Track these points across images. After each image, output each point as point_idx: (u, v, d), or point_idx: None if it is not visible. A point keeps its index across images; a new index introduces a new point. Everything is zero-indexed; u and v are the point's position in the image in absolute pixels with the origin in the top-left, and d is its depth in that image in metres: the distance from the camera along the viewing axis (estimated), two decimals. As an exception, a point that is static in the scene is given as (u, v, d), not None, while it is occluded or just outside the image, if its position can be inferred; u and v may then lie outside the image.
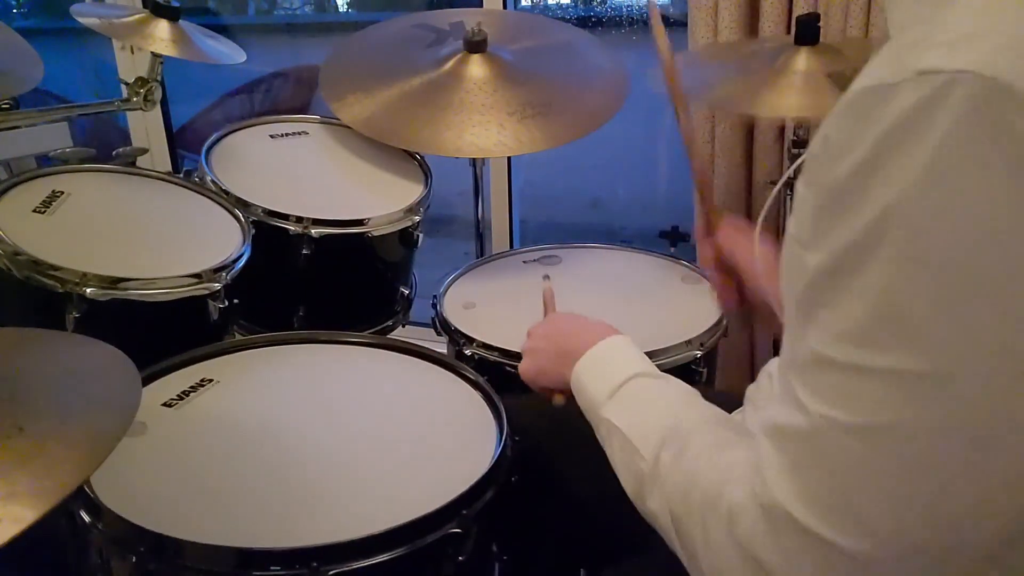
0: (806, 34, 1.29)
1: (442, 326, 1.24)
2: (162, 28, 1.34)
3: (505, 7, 1.94)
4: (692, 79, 1.43)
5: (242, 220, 1.25)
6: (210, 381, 1.00)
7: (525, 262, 1.44)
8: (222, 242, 1.20)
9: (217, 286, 1.11)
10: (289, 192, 1.36)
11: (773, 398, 0.58)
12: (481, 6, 1.95)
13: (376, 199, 1.39)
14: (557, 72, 1.50)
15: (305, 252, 1.28)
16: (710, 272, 1.06)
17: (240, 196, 1.28)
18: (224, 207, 1.28)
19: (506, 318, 1.23)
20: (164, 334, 1.12)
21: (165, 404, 0.95)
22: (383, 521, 0.74)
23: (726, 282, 1.05)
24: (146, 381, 0.98)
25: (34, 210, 1.13)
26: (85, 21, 1.31)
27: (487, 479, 0.83)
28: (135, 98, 1.40)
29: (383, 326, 1.45)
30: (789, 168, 1.44)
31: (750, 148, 1.67)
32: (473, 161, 1.55)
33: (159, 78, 1.40)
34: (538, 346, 0.89)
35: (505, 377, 1.09)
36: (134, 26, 1.34)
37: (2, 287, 1.05)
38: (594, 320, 0.85)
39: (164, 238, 1.20)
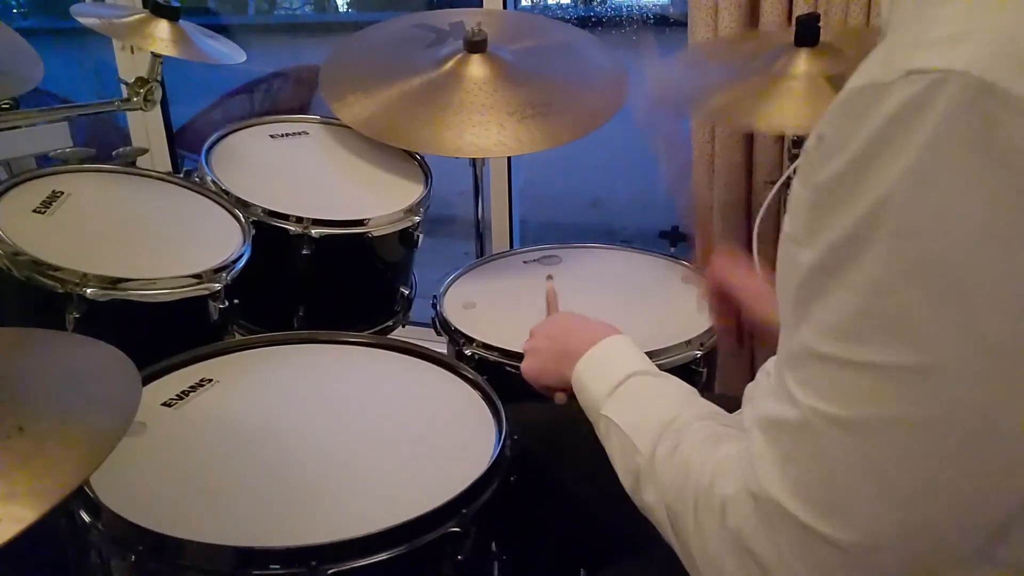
0: (806, 35, 1.29)
1: (442, 326, 1.24)
2: (162, 28, 1.34)
3: (505, 7, 1.94)
4: (691, 81, 1.43)
5: (242, 220, 1.25)
6: (210, 381, 1.00)
7: (525, 262, 1.44)
8: (222, 242, 1.20)
9: (217, 286, 1.11)
10: (289, 192, 1.36)
11: (767, 392, 0.58)
12: (481, 6, 1.95)
13: (376, 199, 1.40)
14: (557, 72, 1.51)
15: (305, 252, 1.28)
16: (708, 304, 1.04)
17: (240, 196, 1.28)
18: (224, 207, 1.28)
19: (506, 318, 1.23)
20: (164, 334, 1.12)
21: (165, 404, 0.95)
22: (383, 521, 0.75)
23: (723, 315, 1.02)
24: (146, 381, 0.98)
25: (34, 210, 1.13)
26: (85, 21, 1.31)
27: (486, 478, 0.83)
28: (135, 98, 1.40)
29: (383, 326, 1.45)
30: (789, 168, 1.44)
31: (750, 148, 1.67)
32: (473, 161, 1.55)
33: (159, 78, 1.40)
34: (540, 345, 0.89)
35: (505, 377, 1.09)
36: (134, 26, 1.34)
37: (2, 287, 1.05)
38: (596, 320, 0.85)
39: (164, 238, 1.20)
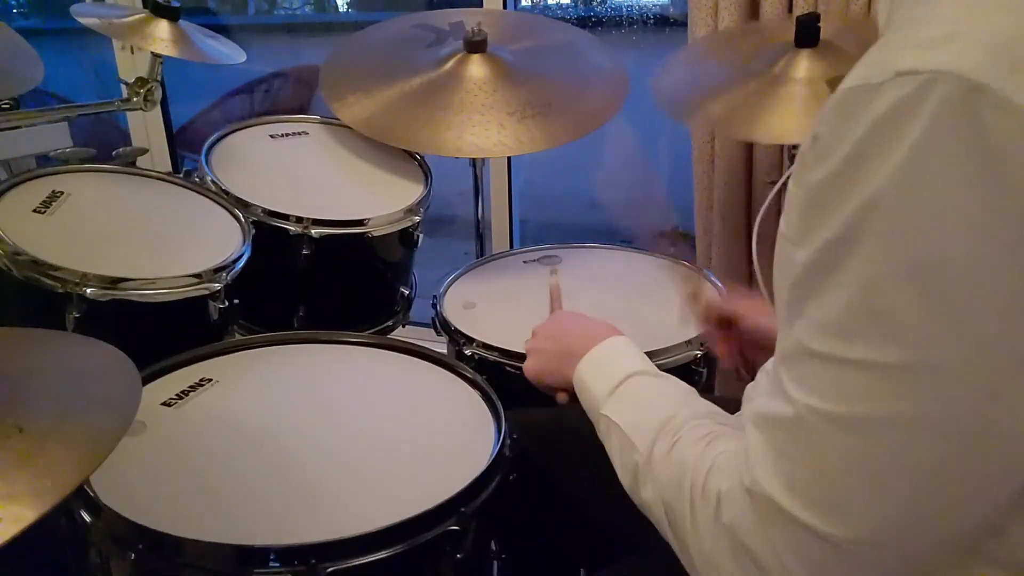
0: (806, 35, 1.29)
1: (442, 326, 1.24)
2: (162, 28, 1.34)
3: (505, 7, 1.94)
4: (691, 82, 1.43)
5: (242, 220, 1.25)
6: (210, 381, 1.00)
7: (525, 262, 1.44)
8: (222, 242, 1.20)
9: (217, 286, 1.11)
10: (289, 192, 1.36)
11: (764, 390, 0.58)
12: (481, 6, 1.94)
13: (376, 199, 1.40)
14: (557, 72, 1.50)
15: (305, 252, 1.28)
16: (708, 332, 1.04)
17: (240, 196, 1.28)
18: (224, 207, 1.28)
19: (506, 318, 1.23)
20: (164, 334, 1.12)
21: (165, 404, 0.95)
22: (382, 520, 0.75)
23: (725, 343, 1.01)
24: (146, 381, 0.98)
25: (34, 210, 1.13)
26: (85, 21, 1.31)
27: (485, 477, 0.83)
28: (135, 98, 1.40)
29: (383, 326, 1.45)
30: (789, 168, 1.44)
31: (750, 148, 1.67)
32: (473, 161, 1.55)
33: (159, 78, 1.40)
34: (542, 346, 0.89)
35: (505, 377, 1.09)
36: (134, 26, 1.34)
37: (2, 287, 1.05)
38: (597, 320, 0.85)
39: (164, 238, 1.20)
